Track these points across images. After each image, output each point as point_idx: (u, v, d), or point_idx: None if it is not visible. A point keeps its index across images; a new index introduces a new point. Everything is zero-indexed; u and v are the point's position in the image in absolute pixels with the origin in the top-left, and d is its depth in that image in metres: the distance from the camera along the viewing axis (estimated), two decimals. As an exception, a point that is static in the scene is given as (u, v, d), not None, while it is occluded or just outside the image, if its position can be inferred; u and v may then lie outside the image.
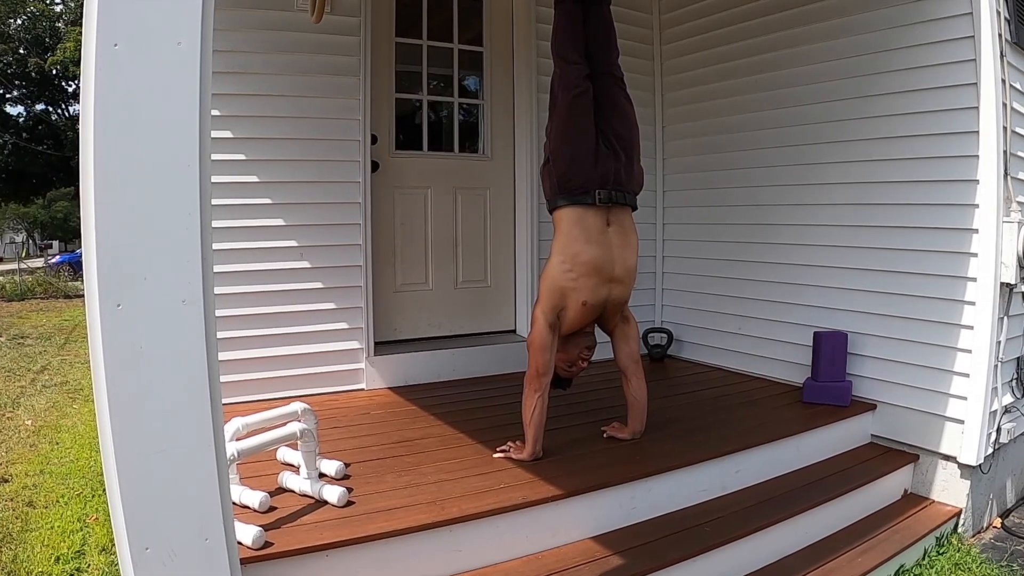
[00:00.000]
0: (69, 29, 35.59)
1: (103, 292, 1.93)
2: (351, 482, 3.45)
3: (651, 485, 3.71)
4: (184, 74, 2.01)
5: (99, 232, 1.92)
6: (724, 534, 3.54)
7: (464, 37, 5.97)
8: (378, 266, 5.46)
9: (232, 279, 4.74)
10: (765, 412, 4.80)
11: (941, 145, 4.44)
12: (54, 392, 8.00)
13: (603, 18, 4.00)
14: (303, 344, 5.05)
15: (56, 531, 4.34)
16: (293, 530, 2.96)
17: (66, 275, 22.33)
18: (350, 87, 5.10)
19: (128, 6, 1.93)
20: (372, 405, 4.94)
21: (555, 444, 3.96)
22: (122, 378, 1.97)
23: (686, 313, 6.47)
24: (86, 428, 6.45)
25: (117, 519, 2.02)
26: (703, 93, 6.17)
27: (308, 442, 3.28)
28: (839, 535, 4.03)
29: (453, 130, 6.13)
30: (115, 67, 1.92)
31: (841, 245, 5.04)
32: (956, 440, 4.40)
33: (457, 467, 3.71)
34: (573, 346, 3.91)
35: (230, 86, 4.68)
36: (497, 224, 6.14)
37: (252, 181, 4.84)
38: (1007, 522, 4.63)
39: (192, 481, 2.10)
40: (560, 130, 3.84)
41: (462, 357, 5.71)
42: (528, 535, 3.33)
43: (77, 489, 5.00)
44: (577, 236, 3.72)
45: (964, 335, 4.38)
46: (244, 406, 4.32)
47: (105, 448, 2.00)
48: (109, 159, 1.92)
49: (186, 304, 2.05)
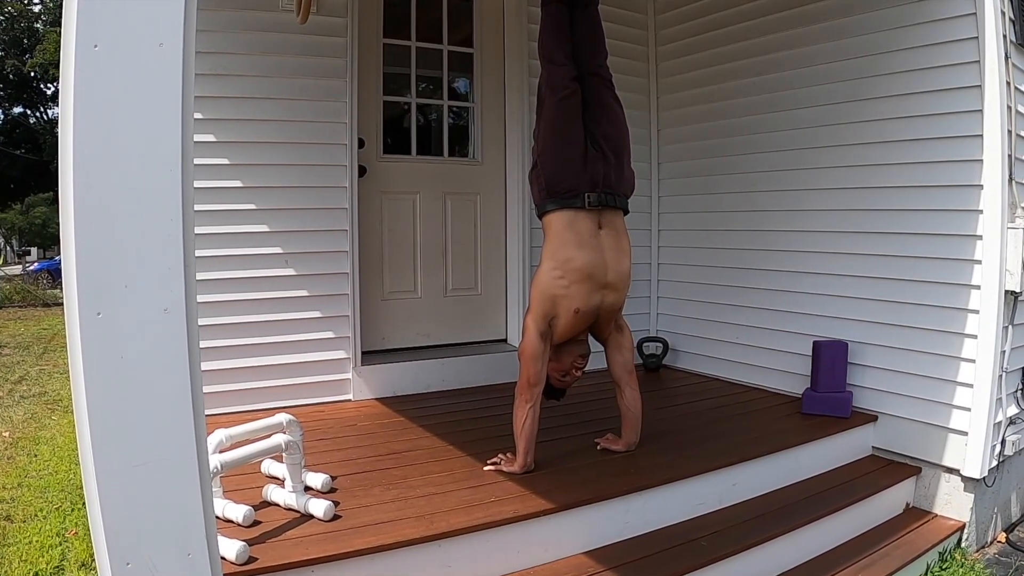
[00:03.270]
0: (48, 30, 35.60)
1: (83, 300, 1.93)
2: (337, 496, 3.45)
3: (646, 499, 3.72)
4: (166, 76, 2.01)
5: (79, 238, 1.92)
6: (721, 549, 3.55)
7: (454, 38, 5.98)
8: (365, 273, 5.45)
9: (215, 287, 4.73)
10: (763, 423, 4.81)
11: (944, 149, 4.46)
12: (32, 403, 7.96)
13: (590, 19, 4.01)
14: (288, 354, 5.05)
15: (35, 546, 4.32)
16: (278, 545, 2.96)
17: (45, 283, 22.23)
18: (337, 89, 5.11)
19: (109, 6, 1.93)
20: (359, 416, 4.93)
21: (547, 456, 3.96)
22: (102, 389, 1.97)
23: (682, 322, 6.48)
24: (65, 440, 6.42)
25: (97, 533, 2.02)
26: (700, 96, 6.19)
27: (293, 454, 3.28)
28: (839, 550, 4.03)
29: (442, 133, 6.15)
30: (95, 69, 1.92)
31: (841, 252, 5.06)
32: (959, 452, 4.41)
33: (446, 480, 3.71)
34: (566, 355, 3.92)
35: (213, 88, 4.68)
36: (487, 230, 6.15)
37: (236, 186, 4.84)
38: (1012, 537, 4.64)
39: (174, 494, 2.10)
40: (548, 133, 3.85)
41: (451, 367, 5.71)
42: (519, 550, 3.33)
43: (56, 503, 4.98)
44: (568, 241, 3.72)
45: (967, 344, 4.39)
46: (228, 417, 4.31)
47: (85, 460, 2.00)
48: (89, 163, 1.92)
49: (168, 312, 2.05)
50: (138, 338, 2.01)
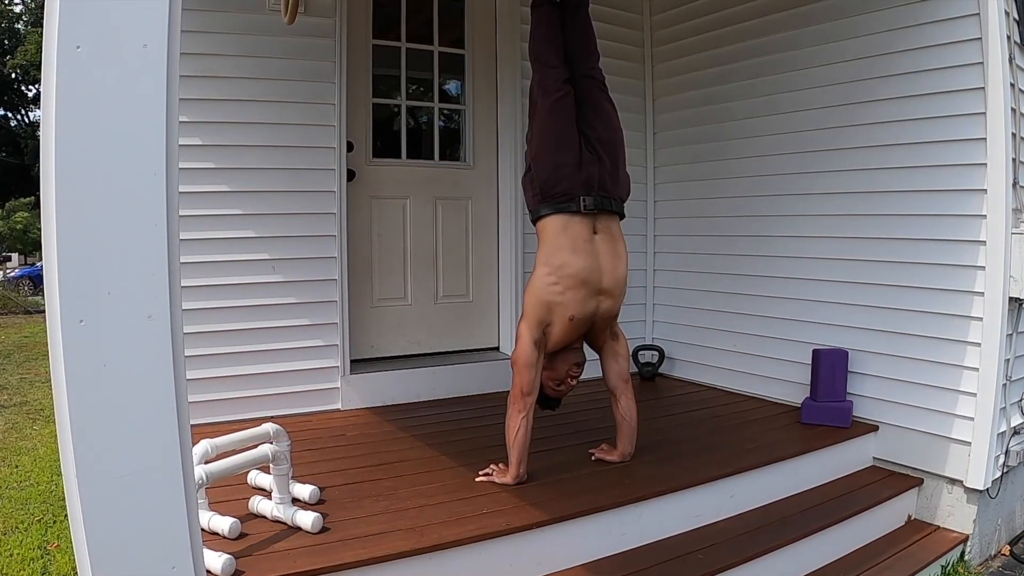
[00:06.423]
0: (30, 31, 35.58)
1: (65, 307, 1.93)
2: (326, 507, 3.44)
3: (641, 510, 3.72)
4: (150, 78, 2.01)
5: (61, 244, 1.92)
6: (718, 562, 3.55)
7: (445, 39, 5.98)
8: (354, 280, 5.45)
9: (200, 294, 4.72)
10: (761, 433, 4.81)
11: (946, 153, 4.47)
12: (13, 413, 7.94)
13: (581, 21, 4.04)
14: (275, 362, 5.04)
15: (16, 559, 4.31)
16: (265, 558, 2.96)
17: (26, 289, 22.20)
18: (325, 92, 5.11)
19: (92, 7, 1.93)
20: (348, 426, 4.93)
21: (540, 467, 3.96)
22: (85, 397, 1.96)
23: (678, 329, 6.48)
24: (47, 450, 6.40)
25: (80, 546, 2.01)
26: (697, 98, 6.19)
27: (281, 465, 3.28)
28: (840, 563, 4.04)
29: (433, 137, 6.15)
30: (78, 70, 1.92)
31: (841, 258, 5.06)
32: (962, 463, 4.41)
33: (437, 491, 3.71)
34: (561, 363, 3.91)
35: (199, 91, 4.68)
36: (479, 235, 6.15)
37: (222, 191, 4.84)
38: (1016, 549, 4.65)
39: (158, 506, 2.10)
40: (541, 136, 3.86)
41: (443, 376, 5.70)
42: (511, 563, 3.33)
43: (37, 515, 4.97)
44: (562, 246, 3.72)
45: (971, 352, 4.40)
46: (213, 427, 4.29)
47: (67, 471, 1.99)
48: (72, 167, 1.92)
49: (152, 320, 2.04)
50: (122, 346, 2.01)
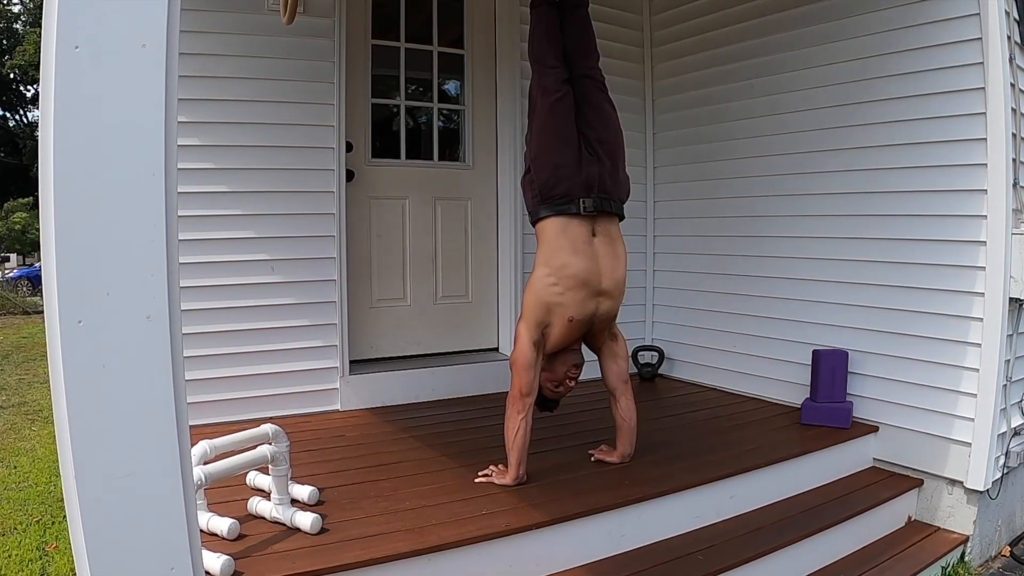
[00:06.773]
0: (28, 31, 35.58)
1: (63, 308, 1.93)
2: (325, 508, 3.45)
3: (641, 511, 3.72)
4: (149, 78, 2.01)
5: (59, 244, 1.92)
6: (718, 563, 3.55)
7: (444, 39, 5.98)
8: (353, 280, 5.45)
9: (199, 294, 4.72)
10: (761, 434, 4.82)
11: (946, 153, 4.47)
12: (11, 414, 7.94)
13: (580, 21, 4.04)
14: (274, 363, 5.04)
15: (14, 560, 4.31)
16: (264, 559, 2.96)
17: (24, 290, 22.26)
18: (324, 91, 5.11)
19: (90, 7, 1.92)
20: (347, 427, 4.93)
21: (540, 468, 3.97)
22: (84, 398, 1.96)
23: (678, 330, 6.49)
24: (45, 451, 6.41)
25: (78, 547, 2.01)
26: (696, 98, 6.20)
27: (279, 466, 3.28)
28: (840, 564, 4.05)
29: (432, 137, 6.15)
30: (76, 70, 1.92)
31: (841, 259, 5.07)
32: (962, 464, 4.41)
33: (437, 492, 3.71)
34: (560, 364, 3.91)
35: (197, 91, 4.68)
36: (479, 236, 6.15)
37: (220, 191, 4.84)
38: (1016, 550, 4.65)
39: (157, 507, 2.10)
40: (540, 137, 3.86)
41: (442, 376, 5.70)
42: (511, 564, 3.33)
43: (36, 515, 4.97)
44: (562, 247, 3.72)
45: (971, 353, 4.40)
46: (212, 428, 4.28)
47: (66, 472, 1.99)
48: (70, 167, 1.92)
49: (151, 320, 2.04)
50: (120, 347, 2.01)
